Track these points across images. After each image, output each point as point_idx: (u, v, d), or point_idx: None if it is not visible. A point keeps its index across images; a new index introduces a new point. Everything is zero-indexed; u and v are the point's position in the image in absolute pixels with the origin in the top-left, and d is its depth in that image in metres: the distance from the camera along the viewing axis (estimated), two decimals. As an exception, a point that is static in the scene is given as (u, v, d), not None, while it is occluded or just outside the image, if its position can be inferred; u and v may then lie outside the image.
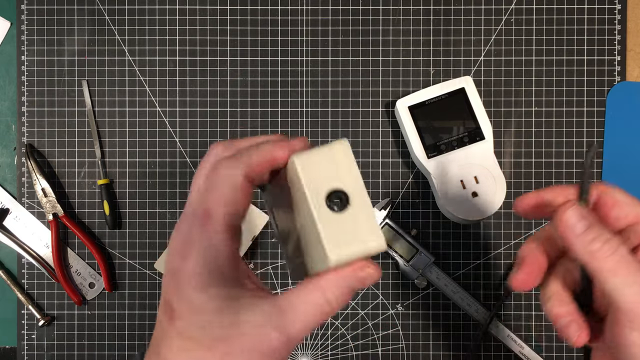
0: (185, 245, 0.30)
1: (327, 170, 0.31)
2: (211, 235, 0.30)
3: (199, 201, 0.30)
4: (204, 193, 0.30)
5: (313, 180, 0.31)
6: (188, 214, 0.31)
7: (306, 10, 0.61)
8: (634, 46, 0.60)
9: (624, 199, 0.35)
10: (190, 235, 0.30)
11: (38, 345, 0.60)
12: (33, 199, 0.61)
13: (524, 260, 0.36)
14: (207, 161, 0.32)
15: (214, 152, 0.32)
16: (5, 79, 0.61)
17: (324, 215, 0.31)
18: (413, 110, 0.57)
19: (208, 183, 0.30)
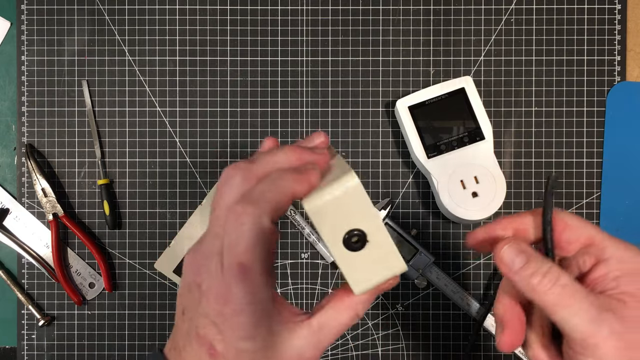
0: (227, 298, 0.29)
1: (340, 211, 0.31)
2: (253, 289, 0.29)
3: (228, 252, 0.29)
4: (234, 246, 0.29)
5: (328, 225, 0.31)
6: (213, 259, 0.30)
7: (306, 10, 0.61)
8: (634, 46, 0.60)
9: (575, 222, 0.34)
10: (229, 289, 0.29)
11: (38, 345, 0.60)
12: (33, 199, 0.61)
13: (503, 321, 0.35)
14: (225, 194, 0.31)
15: (231, 184, 0.31)
16: (5, 79, 0.61)
17: (344, 256, 0.31)
18: (413, 110, 0.57)
19: (234, 232, 0.29)
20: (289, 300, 0.60)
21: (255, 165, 0.31)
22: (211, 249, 0.30)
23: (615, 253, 0.32)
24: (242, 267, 0.29)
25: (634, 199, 0.59)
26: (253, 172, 0.31)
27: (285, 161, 0.32)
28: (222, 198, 0.31)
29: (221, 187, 0.31)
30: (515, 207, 0.60)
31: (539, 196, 0.60)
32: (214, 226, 0.31)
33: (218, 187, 0.31)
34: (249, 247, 0.29)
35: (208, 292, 0.30)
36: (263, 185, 0.30)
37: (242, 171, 0.31)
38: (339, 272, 0.58)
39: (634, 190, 0.60)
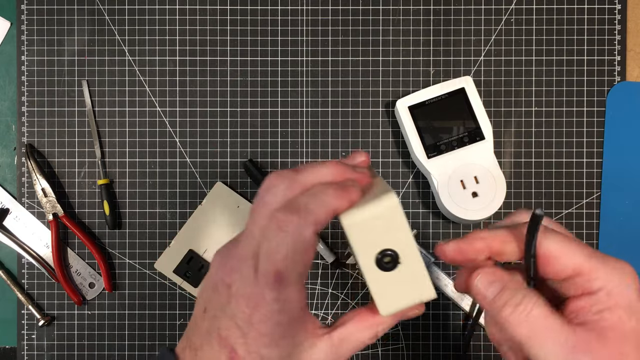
0: (258, 303, 0.29)
1: (376, 230, 0.31)
2: (286, 298, 0.30)
3: (266, 258, 0.29)
4: (273, 252, 0.29)
5: (363, 242, 0.31)
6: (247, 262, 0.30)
7: (306, 10, 0.61)
8: (634, 46, 0.60)
9: (560, 252, 0.30)
10: (262, 295, 0.29)
11: (38, 345, 0.60)
12: (33, 199, 0.61)
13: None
14: (268, 201, 0.31)
15: (275, 191, 0.31)
16: (5, 79, 0.61)
17: (375, 275, 0.31)
18: (413, 110, 0.57)
19: (274, 238, 0.29)
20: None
21: (300, 175, 0.31)
22: (246, 251, 0.30)
23: (605, 285, 0.30)
24: (279, 275, 0.29)
25: (634, 199, 0.59)
26: (297, 182, 0.31)
27: (329, 176, 0.32)
28: (264, 204, 0.31)
29: (264, 193, 0.31)
30: (515, 207, 0.60)
31: (539, 196, 0.60)
32: (251, 230, 0.31)
33: (260, 192, 0.31)
34: (288, 256, 0.29)
35: (238, 294, 0.30)
36: (306, 197, 0.30)
37: (286, 180, 0.31)
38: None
39: (634, 190, 0.60)
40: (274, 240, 0.29)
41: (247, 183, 0.60)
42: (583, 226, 0.60)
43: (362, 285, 0.60)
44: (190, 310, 0.60)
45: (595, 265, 0.30)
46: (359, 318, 0.34)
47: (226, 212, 0.59)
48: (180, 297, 0.60)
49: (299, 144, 0.60)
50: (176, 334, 0.60)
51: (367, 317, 0.33)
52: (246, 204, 0.59)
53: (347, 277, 0.60)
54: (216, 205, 0.59)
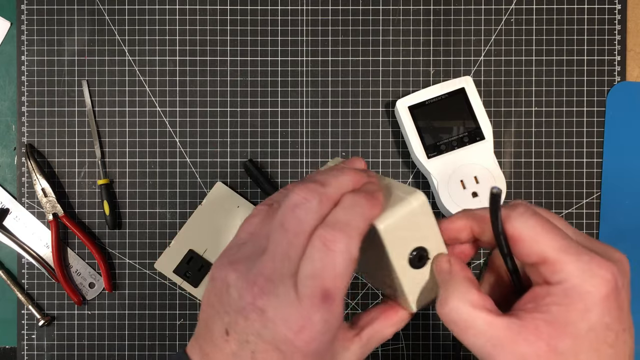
0: (303, 326, 0.29)
1: (408, 231, 0.31)
2: (332, 318, 0.29)
3: (312, 278, 0.29)
4: (320, 272, 0.28)
5: (396, 244, 0.31)
6: (283, 283, 0.29)
7: (306, 10, 0.61)
8: (634, 46, 0.60)
9: (529, 234, 0.29)
10: (308, 317, 0.29)
11: (38, 345, 0.60)
12: (33, 199, 0.61)
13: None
14: (303, 218, 0.29)
15: (308, 207, 0.30)
16: (5, 79, 0.61)
17: (408, 274, 0.32)
18: (413, 110, 0.57)
19: (321, 258, 0.29)
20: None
21: (328, 189, 0.30)
22: (279, 271, 0.29)
23: (566, 280, 0.28)
24: (327, 295, 0.29)
25: (634, 199, 0.59)
26: (328, 196, 0.30)
27: (350, 184, 0.31)
28: (298, 221, 0.29)
29: (295, 209, 0.30)
30: (515, 207, 0.60)
31: (539, 196, 0.60)
32: (283, 247, 0.29)
33: (288, 207, 0.30)
34: (337, 275, 0.29)
35: (277, 318, 0.29)
36: (344, 212, 0.30)
37: (316, 195, 0.30)
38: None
39: (634, 190, 0.60)
40: (321, 260, 0.29)
41: (247, 183, 0.60)
42: (583, 226, 0.60)
43: (363, 284, 0.60)
44: (190, 310, 0.60)
45: (562, 257, 0.29)
46: (385, 316, 0.34)
47: (226, 212, 0.59)
48: (180, 297, 0.60)
49: (299, 144, 0.60)
50: (176, 334, 0.60)
51: (392, 314, 0.34)
52: (246, 204, 0.59)
53: (347, 277, 0.60)
54: (216, 205, 0.59)
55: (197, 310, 0.60)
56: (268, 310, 0.29)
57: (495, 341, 0.29)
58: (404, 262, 0.32)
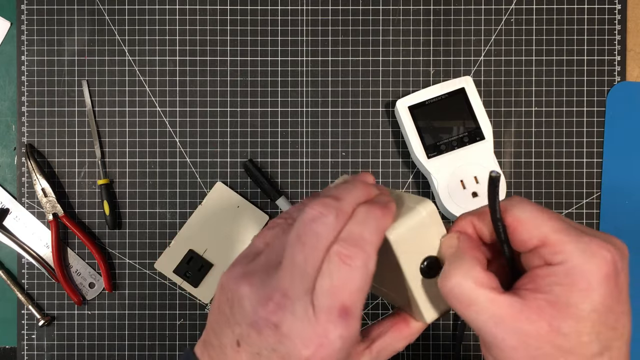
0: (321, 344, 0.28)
1: (418, 240, 0.31)
2: (349, 334, 0.29)
3: (330, 295, 0.28)
4: (339, 288, 0.28)
5: (408, 253, 0.31)
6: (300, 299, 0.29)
7: (306, 10, 0.61)
8: (634, 46, 0.60)
9: (528, 218, 0.30)
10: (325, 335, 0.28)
11: (38, 345, 0.60)
12: (33, 199, 0.61)
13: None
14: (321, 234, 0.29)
15: (325, 222, 0.29)
16: (5, 79, 0.61)
17: (419, 283, 0.32)
18: (413, 110, 0.57)
19: (339, 274, 0.29)
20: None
21: (343, 203, 0.30)
22: (296, 287, 0.29)
23: (567, 260, 0.29)
24: (344, 311, 0.28)
25: (634, 199, 0.59)
26: (344, 210, 0.30)
27: (363, 197, 0.31)
28: (315, 236, 0.29)
29: (312, 224, 0.30)
30: (515, 207, 0.60)
31: (539, 196, 0.60)
32: (300, 263, 0.29)
33: (305, 221, 0.30)
34: (355, 291, 0.29)
35: (292, 335, 0.28)
36: (359, 226, 0.30)
37: (334, 210, 0.30)
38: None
39: (634, 190, 0.60)
40: (339, 276, 0.28)
41: (247, 183, 0.60)
42: (583, 226, 0.60)
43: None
44: (190, 310, 0.60)
45: (563, 238, 0.29)
46: (395, 329, 0.34)
47: (226, 212, 0.59)
48: (180, 297, 0.60)
49: (299, 144, 0.60)
50: (176, 334, 0.60)
51: (403, 327, 0.34)
52: (246, 204, 0.59)
53: (347, 277, 0.60)
54: (216, 205, 0.59)
55: (197, 310, 0.60)
56: (283, 327, 0.29)
57: (497, 319, 0.29)
58: (416, 272, 0.32)
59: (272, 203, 0.60)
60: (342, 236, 0.29)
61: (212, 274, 0.59)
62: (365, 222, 0.30)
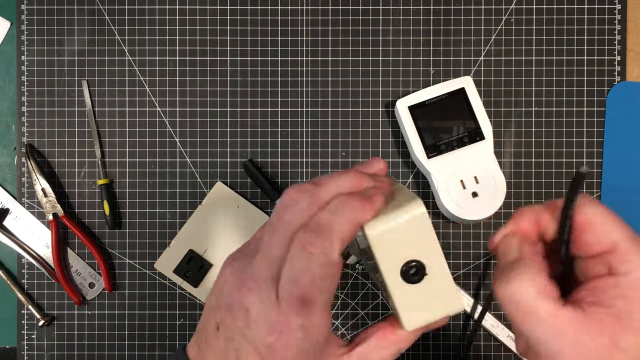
0: (282, 331, 0.28)
1: (402, 240, 0.29)
2: (311, 325, 0.28)
3: (291, 283, 0.28)
4: (298, 277, 0.28)
5: (387, 253, 0.29)
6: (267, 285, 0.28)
7: (306, 10, 0.61)
8: (634, 46, 0.60)
9: (599, 221, 0.29)
10: (286, 322, 0.28)
11: (38, 345, 0.60)
12: (33, 199, 0.61)
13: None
14: (289, 219, 0.29)
15: (296, 208, 0.29)
16: (5, 79, 0.61)
17: (399, 288, 0.30)
18: (413, 110, 0.57)
19: (299, 262, 0.28)
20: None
21: (320, 189, 0.30)
22: (264, 273, 0.29)
23: (634, 270, 0.27)
24: (305, 301, 0.28)
25: (634, 199, 0.59)
26: (318, 196, 0.29)
27: (349, 186, 0.30)
28: (284, 222, 0.29)
29: (284, 210, 0.29)
30: (515, 207, 0.60)
31: (539, 196, 0.60)
32: (269, 250, 0.29)
33: (279, 208, 0.30)
34: (315, 280, 0.28)
35: (259, 320, 0.28)
36: (329, 214, 0.29)
37: (307, 195, 0.29)
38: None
39: (634, 190, 0.60)
40: (299, 264, 0.28)
41: (247, 183, 0.60)
42: (583, 226, 0.60)
43: (362, 285, 0.60)
44: (190, 310, 0.60)
45: (632, 247, 0.28)
46: (380, 334, 0.32)
47: (226, 212, 0.59)
48: (180, 297, 0.60)
49: (299, 144, 0.60)
50: (176, 334, 0.60)
51: (389, 333, 0.32)
52: (246, 204, 0.59)
53: (347, 277, 0.60)
54: (216, 205, 0.59)
55: (197, 310, 0.60)
56: (251, 311, 0.29)
57: (557, 332, 0.27)
58: (396, 275, 0.30)
59: (272, 203, 0.60)
60: (309, 223, 0.29)
61: (212, 274, 0.59)
62: (338, 211, 0.29)
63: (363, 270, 0.60)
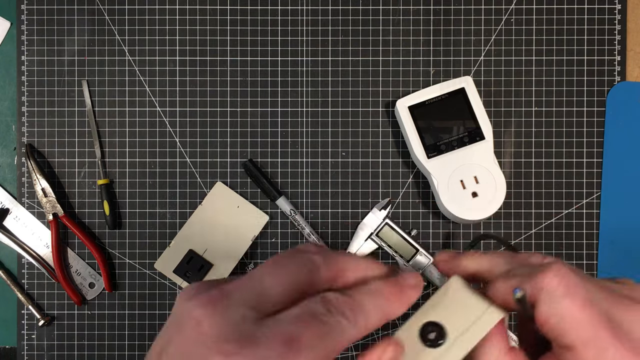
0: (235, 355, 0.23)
1: (435, 304, 0.29)
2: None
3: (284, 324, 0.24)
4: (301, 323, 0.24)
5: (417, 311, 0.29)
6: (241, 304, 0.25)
7: (306, 10, 0.61)
8: (634, 46, 0.60)
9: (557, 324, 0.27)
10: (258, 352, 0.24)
11: (38, 345, 0.60)
12: (33, 199, 0.61)
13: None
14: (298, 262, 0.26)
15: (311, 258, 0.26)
16: (5, 79, 0.61)
17: (415, 348, 0.28)
18: (413, 110, 0.57)
19: (312, 320, 0.25)
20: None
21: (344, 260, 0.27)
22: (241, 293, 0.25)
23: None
24: (292, 344, 0.24)
25: (634, 199, 0.59)
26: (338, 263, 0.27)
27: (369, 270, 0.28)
28: (296, 265, 0.26)
29: (298, 253, 0.27)
30: (515, 207, 0.60)
31: (539, 196, 0.60)
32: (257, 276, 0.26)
33: (292, 250, 0.27)
34: (317, 339, 0.24)
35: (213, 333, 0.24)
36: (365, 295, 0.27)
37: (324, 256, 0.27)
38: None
39: (634, 190, 0.60)
40: (315, 323, 0.25)
41: (247, 183, 0.60)
42: (583, 226, 0.60)
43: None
44: (190, 310, 0.60)
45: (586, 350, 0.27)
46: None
47: (226, 212, 0.59)
48: (180, 297, 0.60)
49: (299, 144, 0.60)
50: (176, 334, 0.60)
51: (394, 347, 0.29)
52: (246, 204, 0.59)
53: (347, 277, 0.60)
54: (216, 205, 0.59)
55: (197, 310, 0.60)
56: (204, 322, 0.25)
57: None
58: (414, 335, 0.28)
59: (272, 203, 0.60)
60: (346, 291, 0.27)
61: (212, 274, 0.59)
62: (376, 295, 0.27)
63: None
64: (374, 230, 0.59)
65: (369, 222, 0.59)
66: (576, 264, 0.60)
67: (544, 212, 0.60)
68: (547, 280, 0.27)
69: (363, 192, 0.60)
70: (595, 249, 0.60)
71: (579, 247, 0.60)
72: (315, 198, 0.60)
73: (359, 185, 0.60)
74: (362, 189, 0.60)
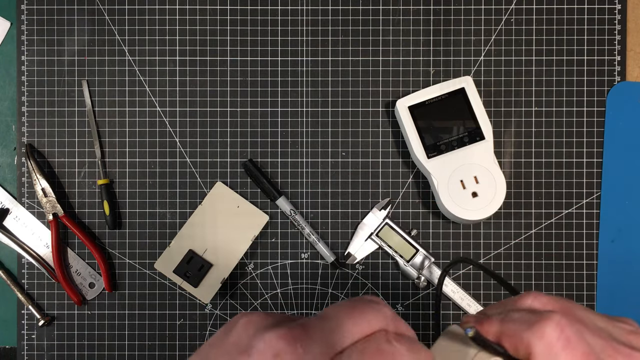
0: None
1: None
2: None
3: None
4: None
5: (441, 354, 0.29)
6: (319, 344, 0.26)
7: (306, 10, 0.61)
8: (634, 46, 0.60)
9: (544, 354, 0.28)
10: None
11: (38, 345, 0.60)
12: (33, 199, 0.61)
13: None
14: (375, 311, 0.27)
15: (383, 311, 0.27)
16: (5, 79, 0.61)
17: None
18: (413, 110, 0.57)
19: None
20: (289, 301, 0.60)
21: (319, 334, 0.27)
22: (323, 335, 0.26)
23: None
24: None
25: (634, 199, 0.59)
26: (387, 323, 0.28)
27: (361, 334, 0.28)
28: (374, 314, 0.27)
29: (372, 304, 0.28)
30: (515, 207, 0.60)
31: (539, 196, 0.60)
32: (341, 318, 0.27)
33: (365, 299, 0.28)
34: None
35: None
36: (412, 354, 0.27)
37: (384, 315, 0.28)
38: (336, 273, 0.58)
39: (634, 190, 0.60)
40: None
41: (247, 183, 0.60)
42: (583, 226, 0.60)
43: (362, 285, 0.60)
44: (190, 310, 0.60)
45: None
46: None
47: (226, 212, 0.59)
48: (180, 297, 0.60)
49: (299, 144, 0.60)
50: (176, 334, 0.60)
51: None
52: (246, 204, 0.59)
53: (347, 277, 0.60)
54: (216, 205, 0.59)
55: (197, 310, 0.60)
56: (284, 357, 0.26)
57: None
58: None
59: (272, 203, 0.60)
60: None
61: (212, 274, 0.59)
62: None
63: (363, 270, 0.60)
64: (374, 230, 0.59)
65: (369, 222, 0.59)
66: (576, 264, 0.60)
67: (544, 212, 0.60)
68: (547, 330, 0.27)
69: (363, 192, 0.60)
70: (595, 249, 0.60)
71: (579, 247, 0.60)
72: (315, 198, 0.60)
73: (359, 185, 0.60)
74: (362, 189, 0.60)
